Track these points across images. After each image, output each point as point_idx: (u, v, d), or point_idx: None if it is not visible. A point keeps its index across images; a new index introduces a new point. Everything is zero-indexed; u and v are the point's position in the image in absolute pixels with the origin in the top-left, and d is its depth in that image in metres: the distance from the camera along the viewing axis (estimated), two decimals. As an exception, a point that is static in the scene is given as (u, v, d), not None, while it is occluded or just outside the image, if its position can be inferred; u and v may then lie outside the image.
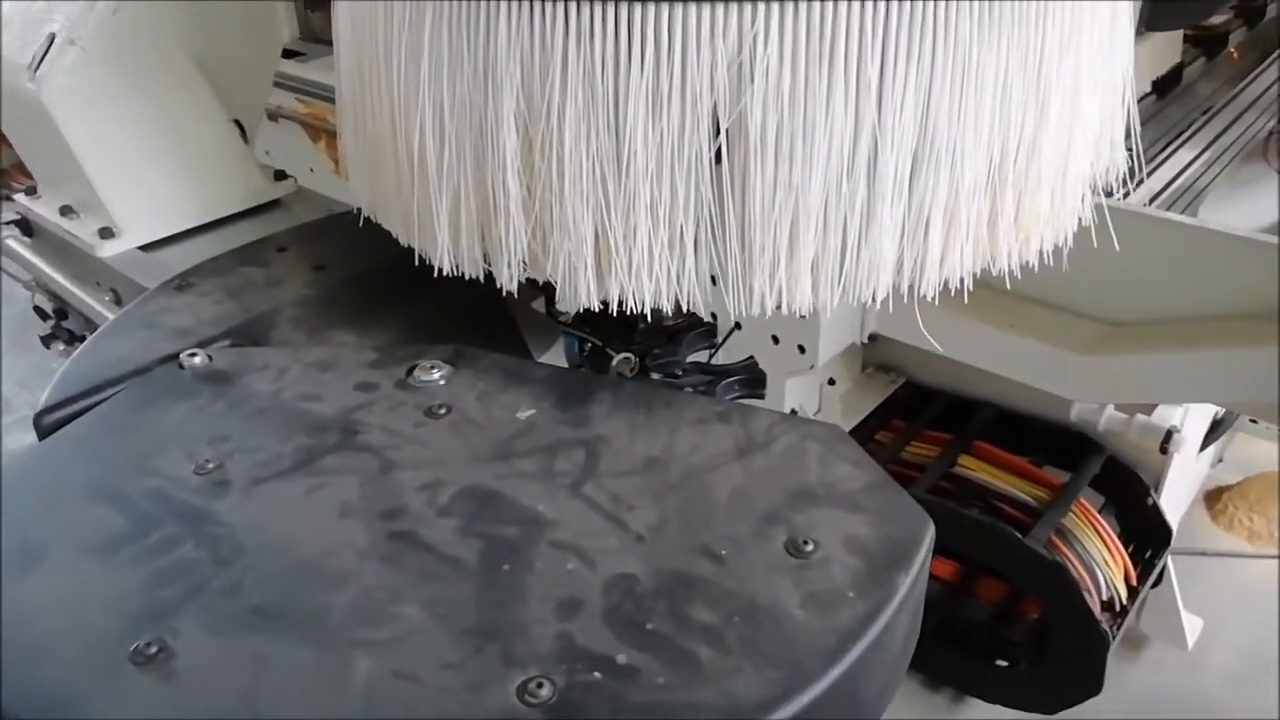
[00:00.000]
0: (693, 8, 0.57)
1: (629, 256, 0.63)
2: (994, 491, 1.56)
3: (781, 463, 0.66)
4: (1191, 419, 1.59)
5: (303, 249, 0.99)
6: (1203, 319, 1.37)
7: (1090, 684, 1.47)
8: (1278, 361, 1.25)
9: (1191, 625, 1.83)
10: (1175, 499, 1.71)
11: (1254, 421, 2.13)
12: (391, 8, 0.65)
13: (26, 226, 1.32)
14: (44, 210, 1.26)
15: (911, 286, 0.69)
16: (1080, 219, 0.76)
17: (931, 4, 0.59)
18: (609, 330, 0.81)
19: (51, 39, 1.15)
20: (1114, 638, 1.48)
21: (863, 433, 1.73)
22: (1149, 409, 1.56)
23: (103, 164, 1.16)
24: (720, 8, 0.57)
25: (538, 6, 0.60)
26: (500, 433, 0.69)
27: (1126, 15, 0.70)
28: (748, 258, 0.63)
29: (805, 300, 0.66)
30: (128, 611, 0.56)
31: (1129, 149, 0.76)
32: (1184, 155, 1.94)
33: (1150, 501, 1.56)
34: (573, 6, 0.59)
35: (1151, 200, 1.82)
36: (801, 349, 1.58)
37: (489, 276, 0.71)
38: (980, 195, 0.65)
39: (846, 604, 0.55)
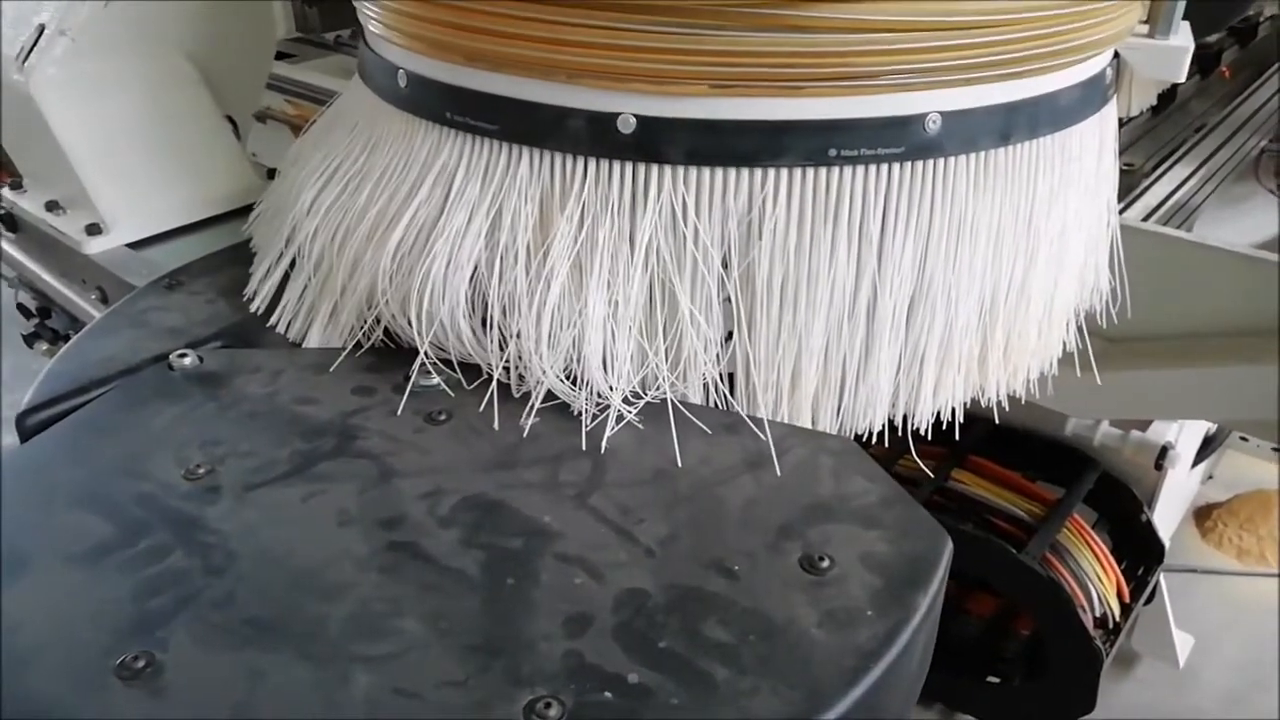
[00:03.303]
0: (706, 171, 0.60)
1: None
2: (988, 506, 1.55)
3: (794, 476, 0.64)
4: (1185, 436, 1.59)
5: (296, 249, 0.97)
6: (1200, 335, 1.37)
7: (1083, 702, 1.46)
8: (1277, 379, 1.25)
9: (1183, 643, 1.83)
10: (1168, 516, 1.71)
11: (1244, 439, 2.13)
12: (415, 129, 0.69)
13: (10, 221, 1.29)
14: (29, 205, 1.23)
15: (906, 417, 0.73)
16: (1064, 344, 0.82)
17: (930, 163, 0.62)
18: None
19: (41, 30, 1.12)
20: (1107, 655, 1.47)
21: (856, 443, 1.72)
22: (1144, 425, 1.55)
23: (91, 158, 1.13)
24: (732, 172, 0.60)
25: (557, 157, 0.63)
26: (503, 440, 0.67)
27: (1113, 151, 0.75)
28: (751, 392, 0.67)
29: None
30: (114, 623, 0.53)
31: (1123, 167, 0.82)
32: (1179, 172, 1.95)
33: (1144, 518, 1.56)
34: (592, 162, 0.62)
35: (1147, 217, 1.82)
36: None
37: None
38: (972, 334, 0.69)
39: (865, 623, 0.53)
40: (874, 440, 1.80)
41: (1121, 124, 2.20)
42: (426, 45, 0.65)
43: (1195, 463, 1.77)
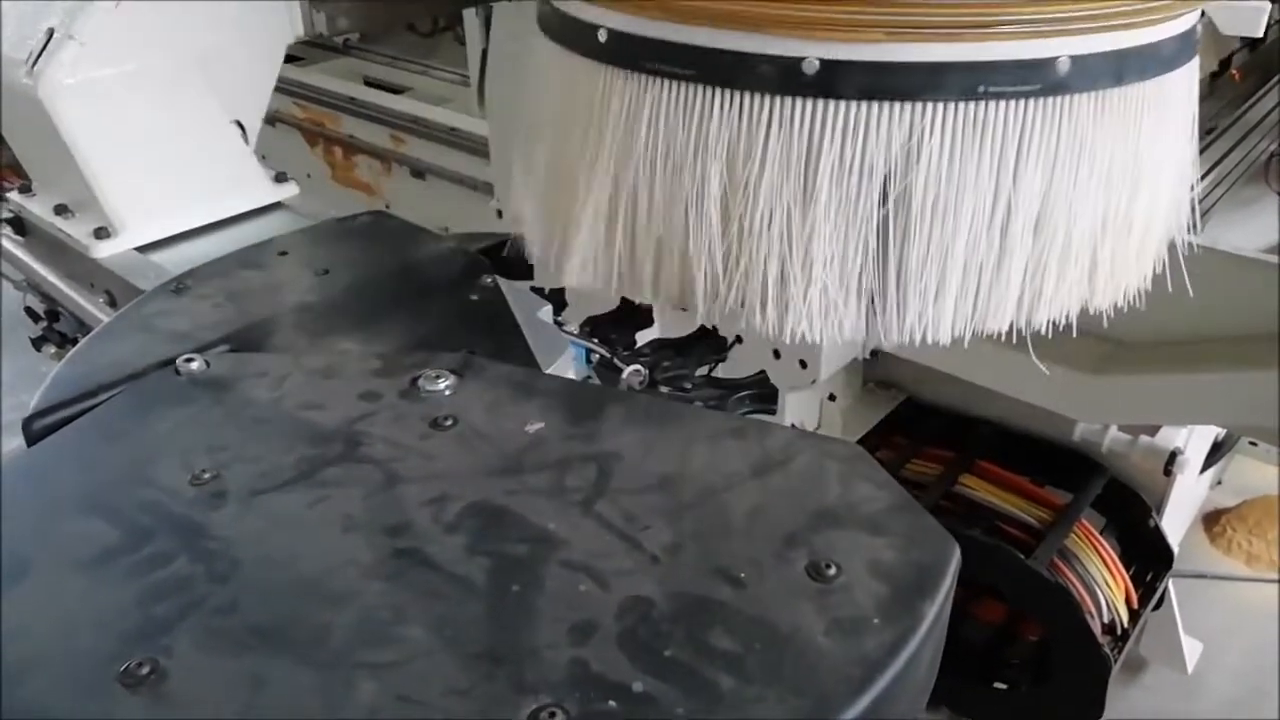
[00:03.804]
0: (875, 105, 0.72)
1: (804, 294, 0.76)
2: (996, 511, 1.54)
3: (800, 482, 0.64)
4: (1194, 440, 1.58)
5: (305, 253, 0.97)
6: (1211, 340, 1.36)
7: (1091, 708, 1.45)
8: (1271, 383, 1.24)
9: (1191, 649, 1.82)
10: (1176, 521, 1.70)
11: (1253, 444, 2.12)
12: (613, 81, 0.78)
13: (19, 225, 1.29)
14: (38, 209, 1.24)
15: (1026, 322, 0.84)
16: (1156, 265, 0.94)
17: (1059, 99, 0.74)
18: (618, 341, 0.79)
19: (50, 34, 1.12)
20: (1116, 662, 1.46)
21: (865, 448, 1.71)
22: (1153, 430, 1.54)
23: (100, 162, 1.13)
24: (897, 106, 0.72)
25: (747, 97, 0.73)
26: (509, 446, 0.67)
27: (1196, 99, 0.87)
28: (902, 298, 0.77)
29: (945, 334, 0.79)
30: (118, 629, 0.53)
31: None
32: (1188, 176, 1.94)
33: (1152, 524, 1.55)
34: (778, 100, 0.72)
35: (1156, 220, 1.81)
36: (803, 364, 1.56)
37: (496, 285, 0.73)
38: (1085, 250, 0.80)
39: (872, 631, 0.53)
40: (882, 445, 1.79)
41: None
42: (630, 5, 0.77)
43: (1204, 468, 1.76)
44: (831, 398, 1.77)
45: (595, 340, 0.79)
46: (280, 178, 1.21)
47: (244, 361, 0.78)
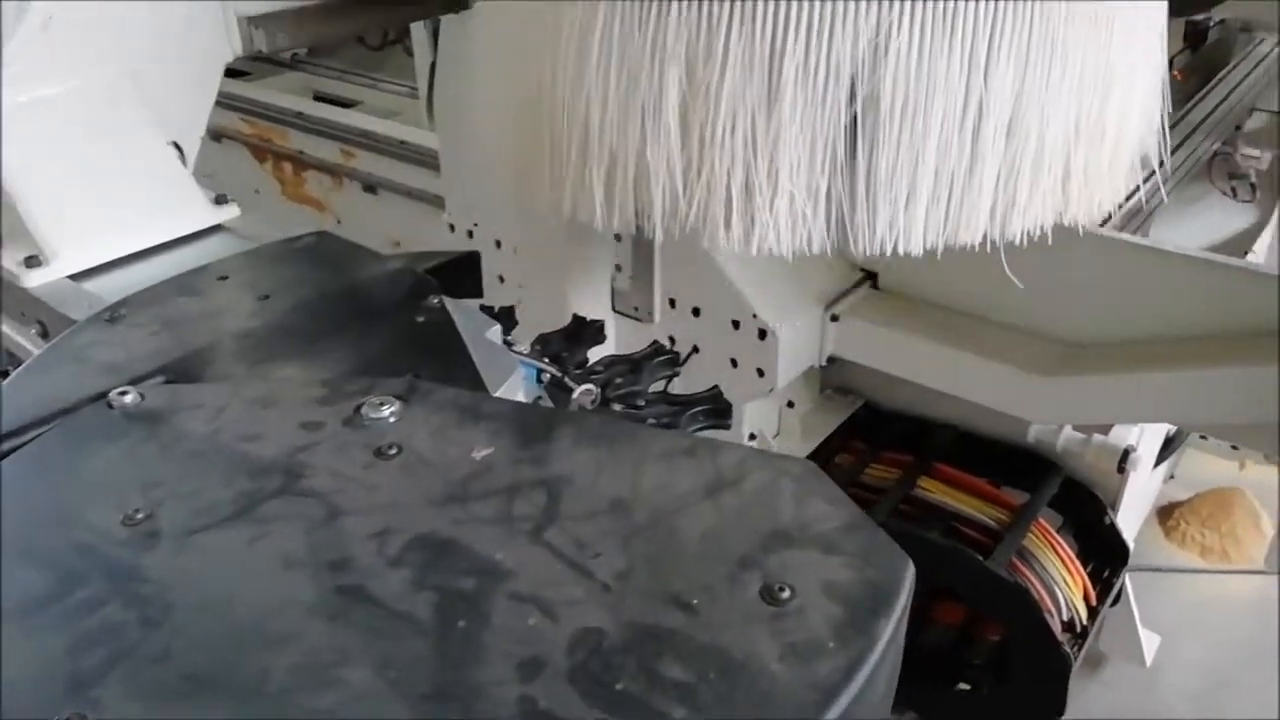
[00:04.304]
0: (840, 2, 0.69)
1: (770, 205, 0.74)
2: (954, 514, 1.55)
3: (754, 502, 0.63)
4: (1147, 437, 1.60)
5: (245, 277, 0.94)
6: (1159, 340, 1.38)
7: (1053, 706, 1.46)
8: (1231, 382, 1.26)
9: (1149, 642, 1.84)
10: (1132, 517, 1.72)
11: (1204, 438, 2.16)
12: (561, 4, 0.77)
13: (-53, 253, 1.25)
14: (-34, 236, 1.19)
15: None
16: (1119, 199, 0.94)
17: (1031, 1, 0.73)
18: (569, 359, 0.78)
19: (-26, 56, 1.08)
20: (1076, 659, 1.47)
21: (822, 456, 1.71)
22: (1106, 429, 1.56)
23: (30, 186, 1.09)
24: (864, 4, 0.70)
25: (705, 6, 0.71)
26: (455, 474, 0.65)
27: (1165, 29, 0.87)
28: (873, 206, 0.75)
29: (917, 243, 0.77)
30: (44, 683, 0.51)
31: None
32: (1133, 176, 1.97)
33: (1108, 521, 1.57)
34: (739, 5, 0.70)
35: (1104, 222, 1.84)
36: (760, 372, 1.56)
37: (443, 306, 0.72)
38: (1058, 156, 0.79)
39: (827, 655, 0.52)
40: (841, 451, 1.79)
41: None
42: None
43: (1157, 463, 1.79)
44: (790, 405, 1.77)
45: (546, 359, 0.78)
46: (220, 199, 1.18)
47: (180, 393, 0.76)
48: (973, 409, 1.53)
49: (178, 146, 1.28)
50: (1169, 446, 1.81)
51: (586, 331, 0.83)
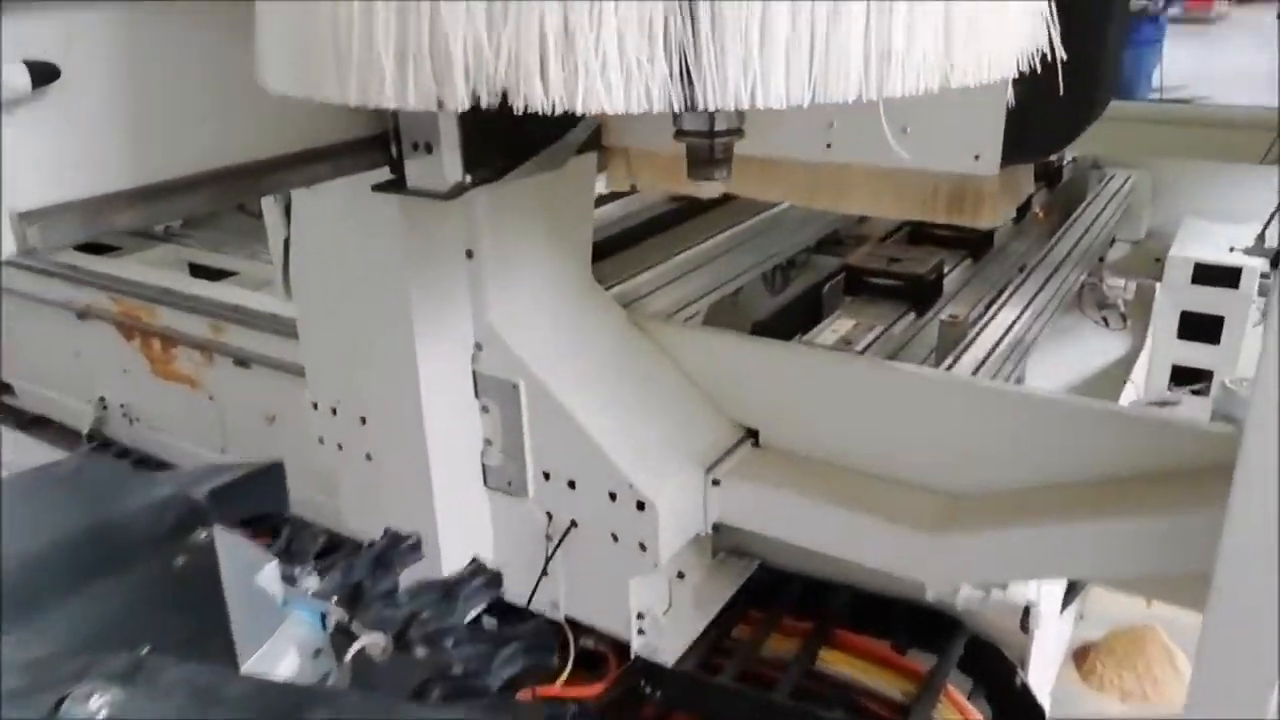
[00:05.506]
0: None
1: (596, 48, 0.63)
2: (859, 688, 1.45)
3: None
4: (1047, 589, 1.54)
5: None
6: (1046, 489, 1.34)
7: None
8: (1123, 533, 1.21)
9: (1079, 802, 1.73)
10: (1044, 671, 1.64)
11: (1109, 575, 2.12)
12: None
13: None
14: None
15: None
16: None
17: None
18: (371, 587, 0.67)
19: None
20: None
21: (720, 628, 1.61)
22: (1004, 583, 1.50)
23: None
24: None
25: None
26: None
27: None
28: (720, 45, 0.64)
29: (779, 95, 0.66)
30: None
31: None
32: (1007, 315, 1.99)
33: (1019, 682, 1.49)
34: None
35: (982, 362, 1.84)
36: (643, 546, 1.47)
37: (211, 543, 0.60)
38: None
39: None
40: (738, 621, 1.68)
41: (944, 275, 2.25)
42: None
43: (1064, 606, 1.73)
44: (680, 576, 1.67)
45: (338, 596, 0.67)
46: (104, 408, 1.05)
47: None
48: (868, 569, 1.45)
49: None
50: (1073, 589, 1.75)
51: (397, 551, 0.72)
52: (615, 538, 1.48)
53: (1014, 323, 2.02)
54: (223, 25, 0.98)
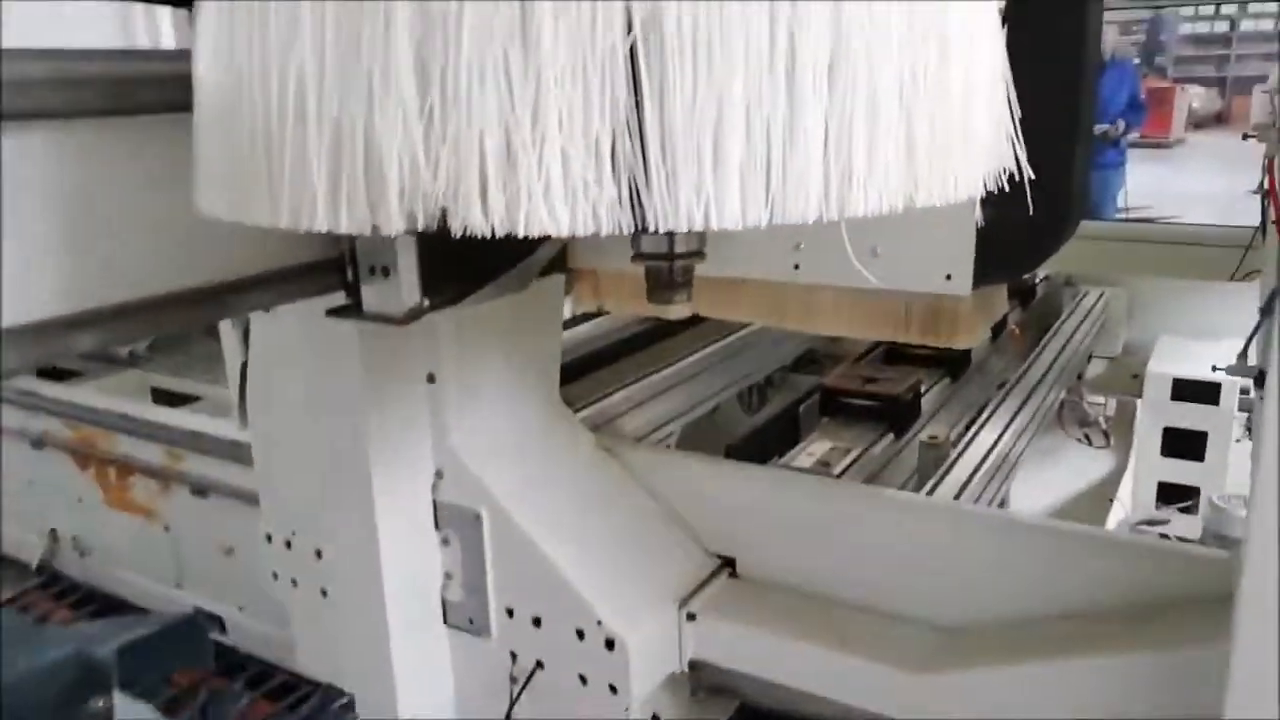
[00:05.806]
0: None
1: (539, 169, 0.60)
2: (849, 846, 1.33)
3: None
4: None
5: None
6: (1034, 621, 1.26)
7: None
8: (1124, 670, 1.14)
9: None
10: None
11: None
12: None
13: None
14: None
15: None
16: None
17: None
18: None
19: None
20: None
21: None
22: None
23: None
24: None
25: None
26: None
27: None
28: (672, 167, 0.62)
29: (735, 217, 0.64)
30: None
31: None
32: (987, 436, 1.95)
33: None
34: None
35: (965, 484, 1.78)
36: (613, 688, 1.37)
37: (109, 710, 0.52)
38: (896, 116, 0.68)
39: None
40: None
41: (921, 395, 2.22)
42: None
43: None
44: (655, 718, 1.56)
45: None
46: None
47: None
48: (855, 708, 1.35)
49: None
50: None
51: (326, 715, 0.65)
52: (584, 680, 1.38)
53: (996, 442, 1.97)
54: (170, 143, 0.96)
